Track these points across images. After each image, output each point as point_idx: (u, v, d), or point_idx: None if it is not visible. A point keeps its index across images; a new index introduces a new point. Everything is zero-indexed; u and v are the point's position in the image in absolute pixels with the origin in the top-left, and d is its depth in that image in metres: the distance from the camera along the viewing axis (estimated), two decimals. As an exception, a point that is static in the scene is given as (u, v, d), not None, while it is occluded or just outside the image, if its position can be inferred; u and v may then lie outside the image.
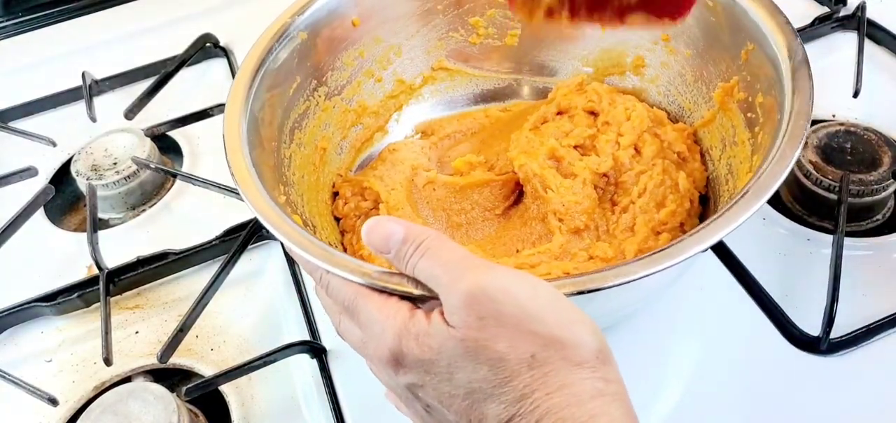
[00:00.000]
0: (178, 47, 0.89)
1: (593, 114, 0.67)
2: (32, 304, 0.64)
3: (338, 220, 0.63)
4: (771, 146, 0.48)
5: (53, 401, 0.56)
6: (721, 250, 0.61)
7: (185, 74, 0.88)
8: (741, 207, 0.44)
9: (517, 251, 0.60)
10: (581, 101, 0.67)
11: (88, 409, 0.52)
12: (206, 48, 0.92)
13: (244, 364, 0.55)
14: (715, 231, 0.43)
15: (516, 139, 0.65)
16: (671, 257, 0.42)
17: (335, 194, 0.65)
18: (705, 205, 0.61)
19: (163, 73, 0.85)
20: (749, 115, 0.57)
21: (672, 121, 0.66)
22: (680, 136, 0.63)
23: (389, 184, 0.64)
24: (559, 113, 0.68)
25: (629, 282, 0.41)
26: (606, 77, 0.71)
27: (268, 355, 0.56)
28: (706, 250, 0.42)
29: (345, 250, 0.61)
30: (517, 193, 0.65)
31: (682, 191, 0.60)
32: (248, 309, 0.64)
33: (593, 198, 0.60)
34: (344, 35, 0.65)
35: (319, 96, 0.64)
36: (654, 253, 0.42)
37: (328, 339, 0.59)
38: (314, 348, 0.58)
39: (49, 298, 0.64)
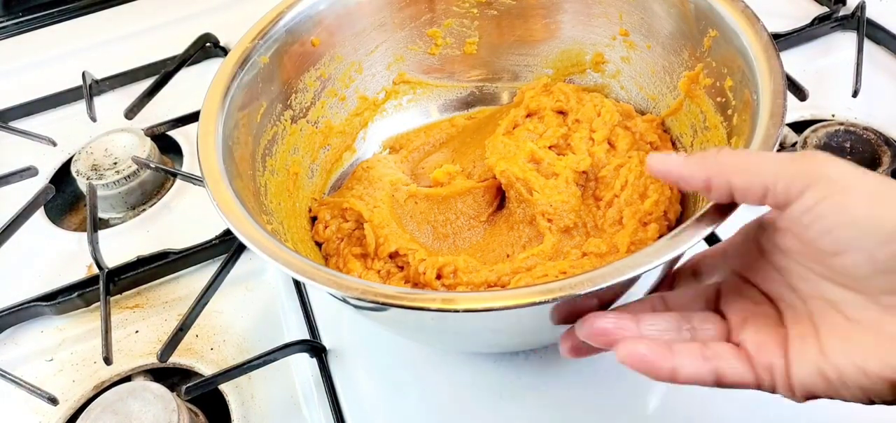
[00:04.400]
0: (178, 47, 0.89)
1: (562, 113, 0.68)
2: (32, 303, 0.64)
3: (319, 245, 0.62)
4: (752, 128, 0.49)
5: (53, 400, 0.56)
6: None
7: (185, 73, 0.88)
8: None
9: (508, 256, 0.60)
10: (549, 101, 0.68)
11: (88, 408, 0.52)
12: (206, 48, 0.92)
13: (244, 363, 0.55)
14: (717, 216, 0.42)
15: (492, 145, 0.65)
16: (683, 241, 0.42)
17: (313, 219, 0.63)
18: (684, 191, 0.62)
19: (163, 72, 0.85)
20: (719, 99, 0.58)
21: (639, 113, 0.66)
22: (650, 126, 0.64)
23: (370, 202, 0.62)
24: (528, 115, 0.68)
25: (646, 271, 0.41)
26: (567, 76, 0.72)
27: (268, 354, 0.56)
28: (712, 232, 0.42)
29: None
30: (500, 199, 0.65)
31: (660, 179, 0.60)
32: (248, 308, 0.64)
33: (578, 195, 0.61)
34: (305, 56, 0.64)
35: (286, 120, 0.63)
36: (665, 239, 0.42)
37: (328, 338, 0.59)
38: (314, 348, 0.58)
39: (49, 297, 0.64)
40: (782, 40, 0.81)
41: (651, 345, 0.40)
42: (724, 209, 0.42)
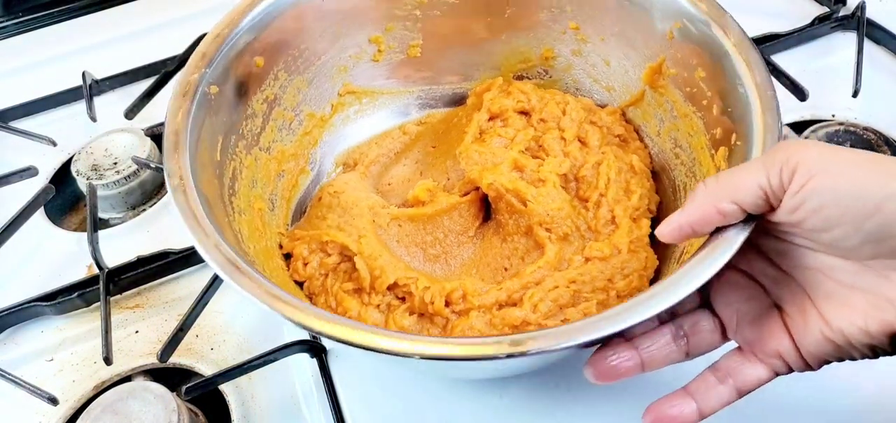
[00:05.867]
0: (178, 47, 0.89)
1: (525, 113, 0.67)
2: (33, 303, 0.64)
3: (299, 284, 0.59)
4: (748, 121, 0.49)
5: (53, 400, 0.56)
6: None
7: (185, 73, 0.88)
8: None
9: (506, 269, 0.59)
10: (510, 102, 0.67)
11: (88, 408, 0.52)
12: (205, 48, 0.91)
13: (244, 364, 0.55)
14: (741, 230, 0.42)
15: (465, 155, 0.64)
16: (719, 255, 0.41)
17: (285, 256, 0.60)
18: (655, 179, 0.63)
19: (163, 72, 0.85)
20: (689, 89, 0.58)
21: (598, 106, 0.67)
22: (614, 118, 0.65)
23: (353, 232, 0.59)
24: (491, 118, 0.67)
25: (685, 296, 0.41)
26: (516, 73, 0.71)
27: (268, 354, 0.56)
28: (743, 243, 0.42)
29: None
30: (485, 210, 0.64)
31: (638, 171, 0.61)
32: (248, 308, 0.64)
33: (568, 200, 0.60)
34: (250, 78, 0.61)
35: (241, 152, 0.59)
36: (693, 263, 0.42)
37: (327, 340, 0.59)
38: (314, 348, 0.58)
39: (49, 297, 0.64)
40: (782, 40, 0.81)
41: (671, 401, 0.42)
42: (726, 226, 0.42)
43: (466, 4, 0.69)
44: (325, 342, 0.58)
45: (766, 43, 0.80)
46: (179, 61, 0.87)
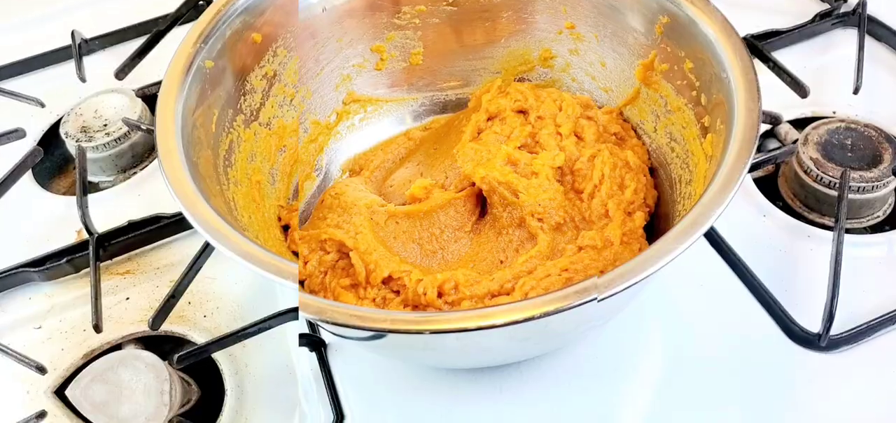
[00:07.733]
0: (170, 5, 0.87)
1: (523, 112, 0.67)
2: (20, 269, 0.63)
3: (301, 282, 0.59)
4: (730, 106, 0.50)
5: (42, 369, 0.56)
6: (721, 247, 0.61)
7: (177, 32, 0.86)
8: (736, 162, 0.45)
9: (501, 262, 0.59)
10: (508, 102, 0.68)
11: (78, 377, 0.51)
12: (198, 6, 0.89)
13: (238, 331, 0.54)
14: (726, 190, 0.43)
15: (462, 153, 0.64)
16: (698, 225, 0.42)
17: (284, 228, 0.61)
18: (653, 175, 0.63)
19: (155, 31, 0.83)
20: (679, 82, 0.59)
21: (596, 105, 0.67)
22: (611, 118, 0.65)
23: (350, 230, 0.59)
24: (489, 118, 0.68)
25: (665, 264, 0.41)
26: (517, 76, 0.72)
27: (262, 321, 0.55)
28: (725, 208, 0.43)
29: None
30: (481, 206, 0.64)
31: (634, 167, 0.61)
32: (242, 275, 0.63)
33: (561, 191, 0.60)
34: (248, 54, 0.61)
35: (239, 126, 0.60)
36: (677, 231, 0.42)
37: (327, 334, 0.58)
38: (313, 342, 0.57)
39: (37, 263, 0.63)
40: (783, 37, 0.81)
41: None
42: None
43: (464, 11, 0.70)
44: (325, 337, 0.58)
45: (767, 40, 0.80)
46: (171, 20, 0.86)
